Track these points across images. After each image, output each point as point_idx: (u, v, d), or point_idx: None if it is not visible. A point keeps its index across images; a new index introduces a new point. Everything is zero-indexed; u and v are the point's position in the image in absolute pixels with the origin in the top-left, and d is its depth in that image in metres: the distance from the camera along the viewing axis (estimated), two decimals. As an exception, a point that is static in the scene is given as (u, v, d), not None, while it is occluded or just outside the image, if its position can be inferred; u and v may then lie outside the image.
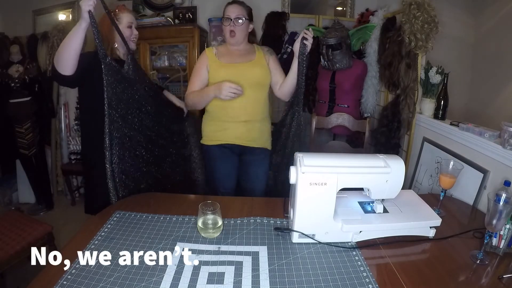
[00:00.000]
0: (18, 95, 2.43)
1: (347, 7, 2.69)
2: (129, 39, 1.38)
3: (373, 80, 2.27)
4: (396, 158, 0.97)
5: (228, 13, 1.44)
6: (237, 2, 1.48)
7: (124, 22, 1.36)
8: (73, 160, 2.71)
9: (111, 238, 0.94)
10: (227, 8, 1.46)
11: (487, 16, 2.14)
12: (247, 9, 1.49)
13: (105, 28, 1.31)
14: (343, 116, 2.16)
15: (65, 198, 2.85)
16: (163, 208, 1.12)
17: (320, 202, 0.91)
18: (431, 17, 1.67)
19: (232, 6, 1.46)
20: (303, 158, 0.92)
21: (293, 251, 0.90)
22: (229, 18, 1.44)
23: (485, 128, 1.31)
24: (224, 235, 0.97)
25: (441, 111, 1.66)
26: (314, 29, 2.43)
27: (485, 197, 1.13)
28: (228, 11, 1.45)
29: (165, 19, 2.51)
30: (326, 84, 2.32)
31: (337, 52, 2.16)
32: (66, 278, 0.77)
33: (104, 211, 1.11)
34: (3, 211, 1.97)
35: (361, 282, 0.78)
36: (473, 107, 2.25)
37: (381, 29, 2.14)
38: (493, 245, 0.93)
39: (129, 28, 1.38)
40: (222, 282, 0.78)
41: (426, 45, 1.70)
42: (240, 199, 1.27)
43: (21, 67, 2.46)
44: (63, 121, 2.78)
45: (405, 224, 0.96)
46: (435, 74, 1.67)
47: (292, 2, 2.65)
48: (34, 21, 2.96)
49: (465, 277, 0.85)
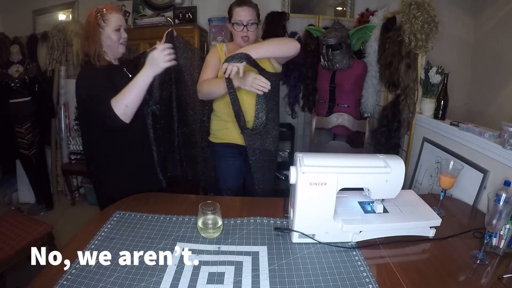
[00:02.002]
0: (18, 95, 2.43)
1: (347, 7, 2.68)
2: (117, 43, 1.27)
3: (373, 80, 2.27)
4: (396, 158, 0.97)
5: (240, 17, 1.39)
6: (247, 4, 1.41)
7: (112, 24, 1.24)
8: (73, 160, 2.71)
9: (111, 238, 0.94)
10: (238, 12, 1.39)
11: (487, 16, 2.14)
12: (257, 10, 1.44)
13: (90, 31, 1.22)
14: (343, 116, 2.16)
15: (65, 198, 2.85)
16: (163, 208, 1.12)
17: (320, 202, 0.91)
18: (431, 17, 1.66)
19: (243, 9, 1.39)
20: (303, 158, 0.92)
21: (293, 251, 0.90)
22: (242, 24, 1.38)
23: (485, 128, 1.31)
24: (224, 235, 0.97)
25: (441, 111, 1.66)
26: (314, 29, 2.43)
27: (485, 197, 1.13)
28: (239, 15, 1.39)
29: (165, 19, 2.51)
30: (326, 84, 2.32)
31: (337, 52, 2.16)
32: (66, 278, 0.77)
33: (104, 211, 1.12)
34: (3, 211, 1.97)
35: (361, 282, 0.78)
36: (473, 107, 2.25)
37: (381, 29, 2.14)
38: (493, 245, 0.93)
39: (117, 31, 1.25)
40: (222, 282, 0.78)
41: (426, 45, 1.70)
42: (240, 199, 1.27)
43: (21, 67, 2.46)
44: (63, 121, 2.79)
45: (405, 224, 0.96)
46: (435, 74, 1.66)
47: (292, 2, 2.65)
48: (34, 21, 2.96)
49: (465, 277, 0.85)
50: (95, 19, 1.22)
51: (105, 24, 1.23)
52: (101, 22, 1.23)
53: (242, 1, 1.42)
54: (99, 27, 1.23)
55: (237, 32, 1.42)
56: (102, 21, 1.23)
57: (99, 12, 1.23)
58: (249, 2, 1.44)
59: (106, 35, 1.24)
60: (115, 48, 1.28)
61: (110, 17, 1.24)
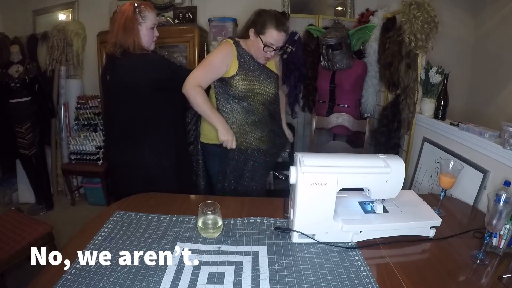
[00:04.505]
0: (18, 95, 2.43)
1: (347, 7, 2.69)
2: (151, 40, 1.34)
3: (373, 80, 2.27)
4: (396, 158, 0.97)
5: (274, 41, 1.37)
6: (285, 31, 1.40)
7: (148, 23, 1.31)
8: (73, 160, 2.71)
9: (111, 238, 0.94)
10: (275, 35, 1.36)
11: (487, 16, 2.14)
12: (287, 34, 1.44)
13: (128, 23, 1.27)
14: (343, 116, 2.16)
15: (65, 198, 2.85)
16: (163, 208, 1.12)
17: (320, 202, 0.91)
18: (431, 17, 1.66)
19: (281, 35, 1.37)
20: (303, 158, 0.92)
21: (293, 251, 0.90)
22: (273, 48, 1.38)
23: (485, 128, 1.31)
24: (224, 235, 0.97)
25: (441, 111, 1.66)
26: (314, 29, 2.43)
27: (485, 197, 1.13)
28: (275, 39, 1.36)
29: (165, 19, 2.51)
30: (326, 84, 2.32)
31: (337, 52, 2.16)
32: (66, 278, 0.77)
33: (104, 211, 1.11)
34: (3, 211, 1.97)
35: (361, 282, 0.78)
36: (473, 107, 2.25)
37: (381, 29, 2.14)
38: (493, 245, 0.93)
39: (151, 29, 1.33)
40: (222, 282, 0.78)
41: (426, 45, 1.70)
42: (240, 199, 1.27)
43: (21, 67, 2.46)
44: (63, 121, 2.78)
45: (405, 224, 0.96)
46: (435, 74, 1.66)
47: (292, 2, 2.65)
48: (34, 21, 2.96)
49: (465, 277, 0.85)
50: (133, 14, 1.27)
51: (143, 21, 1.29)
52: (139, 18, 1.28)
53: (282, 24, 1.38)
54: (137, 23, 1.28)
55: (263, 52, 1.40)
56: (140, 17, 1.28)
57: (137, 8, 1.28)
58: (287, 28, 1.42)
59: (142, 32, 1.30)
60: (148, 45, 1.35)
61: (148, 15, 1.30)
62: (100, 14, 2.68)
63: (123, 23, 1.27)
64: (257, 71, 1.45)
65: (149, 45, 1.35)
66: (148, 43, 1.34)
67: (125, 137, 1.39)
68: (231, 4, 2.62)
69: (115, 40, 1.29)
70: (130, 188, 1.27)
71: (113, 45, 1.30)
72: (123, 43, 1.28)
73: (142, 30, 1.30)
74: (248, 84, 1.41)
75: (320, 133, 2.50)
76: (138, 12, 1.28)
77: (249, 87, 1.41)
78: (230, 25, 2.49)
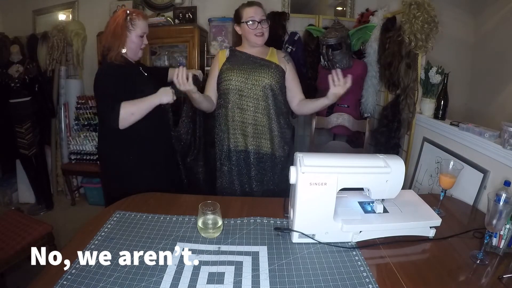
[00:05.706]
0: (18, 95, 2.44)
1: (347, 7, 2.68)
2: (138, 48, 1.37)
3: (373, 80, 2.27)
4: (396, 158, 0.97)
5: (252, 15, 1.42)
6: (256, 4, 1.46)
7: (138, 30, 1.34)
8: (73, 160, 2.71)
9: (111, 238, 0.94)
10: (249, 11, 1.43)
11: (487, 16, 2.14)
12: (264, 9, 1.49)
13: (117, 30, 1.30)
14: (343, 116, 2.16)
15: (65, 198, 2.85)
16: (163, 208, 1.12)
17: (320, 202, 0.91)
18: (431, 17, 1.66)
19: (254, 8, 1.43)
20: (303, 158, 0.92)
21: (293, 251, 0.90)
22: (256, 20, 1.42)
23: (485, 128, 1.31)
24: (224, 235, 0.97)
25: (441, 111, 1.66)
26: (314, 29, 2.43)
27: (485, 197, 1.13)
28: (250, 14, 1.42)
29: (165, 19, 2.51)
30: (326, 84, 2.31)
31: (337, 52, 2.16)
32: (66, 278, 0.77)
33: (104, 211, 1.11)
34: (3, 211, 1.97)
35: (361, 282, 0.78)
36: (473, 107, 2.25)
37: (381, 29, 2.14)
38: (493, 245, 0.93)
39: (141, 38, 1.36)
40: (222, 282, 0.78)
41: (426, 45, 1.70)
42: (240, 199, 1.27)
43: (21, 67, 2.46)
44: (63, 121, 2.78)
45: (405, 224, 0.96)
46: (435, 74, 1.66)
47: (292, 2, 2.65)
48: (34, 21, 2.97)
49: (465, 277, 0.85)
50: (124, 21, 1.30)
51: (132, 29, 1.32)
52: (129, 26, 1.32)
53: (251, 2, 1.47)
54: (126, 30, 1.31)
55: (251, 30, 1.43)
56: (130, 24, 1.32)
57: (129, 15, 1.31)
58: (258, 2, 1.47)
59: (130, 39, 1.33)
60: (135, 52, 1.38)
61: (138, 23, 1.34)
62: (100, 14, 2.68)
63: (113, 28, 1.31)
64: (249, 63, 1.47)
65: (136, 52, 1.38)
66: (135, 50, 1.37)
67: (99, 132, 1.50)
68: (231, 4, 2.59)
69: (105, 43, 1.34)
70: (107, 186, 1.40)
71: (103, 48, 1.35)
72: (110, 47, 1.31)
73: (131, 37, 1.33)
74: (237, 75, 1.44)
75: (320, 133, 2.50)
76: (129, 20, 1.31)
77: (237, 78, 1.44)
78: (230, 25, 2.48)
